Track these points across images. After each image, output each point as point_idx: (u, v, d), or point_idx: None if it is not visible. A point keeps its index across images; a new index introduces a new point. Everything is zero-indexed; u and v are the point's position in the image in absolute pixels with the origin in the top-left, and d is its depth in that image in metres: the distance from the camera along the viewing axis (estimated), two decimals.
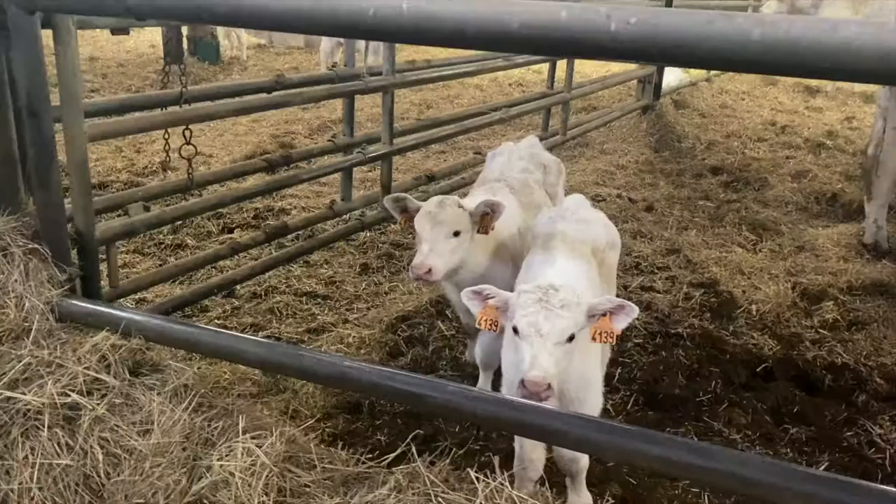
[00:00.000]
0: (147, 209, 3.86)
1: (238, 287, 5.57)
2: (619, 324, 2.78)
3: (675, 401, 4.59)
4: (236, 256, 5.79)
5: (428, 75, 5.93)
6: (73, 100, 2.91)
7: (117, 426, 2.39)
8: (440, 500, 2.06)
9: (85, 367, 2.48)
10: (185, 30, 16.51)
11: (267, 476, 2.20)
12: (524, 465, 3.26)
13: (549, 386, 2.52)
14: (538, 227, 3.76)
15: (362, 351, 5.09)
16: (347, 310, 5.77)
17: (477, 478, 2.12)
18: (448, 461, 2.41)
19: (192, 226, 7.06)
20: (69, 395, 2.39)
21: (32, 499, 2.22)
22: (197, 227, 7.09)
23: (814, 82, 16.53)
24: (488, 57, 6.91)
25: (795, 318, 5.69)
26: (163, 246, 6.73)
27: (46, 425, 2.32)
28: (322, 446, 2.51)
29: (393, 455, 2.49)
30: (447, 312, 5.60)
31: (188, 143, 3.89)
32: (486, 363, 4.43)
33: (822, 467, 4.01)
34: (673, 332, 5.35)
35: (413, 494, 2.10)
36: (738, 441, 4.26)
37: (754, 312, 5.75)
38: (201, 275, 5.82)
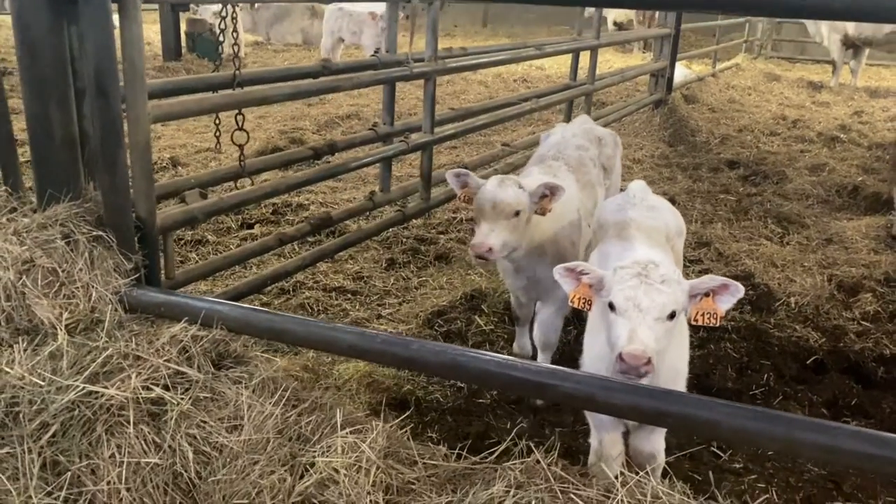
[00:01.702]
0: (204, 196, 3.70)
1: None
2: (724, 304, 2.66)
3: (729, 394, 4.48)
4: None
5: (468, 62, 5.79)
6: (138, 78, 2.75)
7: (204, 422, 2.24)
8: (571, 496, 1.92)
9: (165, 360, 2.33)
10: (183, 26, 16.29)
11: (375, 473, 2.06)
12: (603, 460, 3.13)
13: (650, 360, 2.37)
14: (606, 214, 3.64)
15: None
16: (379, 305, 5.64)
17: (617, 475, 1.97)
18: (556, 454, 2.27)
19: (211, 221, 6.90)
20: (153, 390, 2.23)
21: (121, 500, 2.07)
22: (216, 223, 6.94)
23: (817, 77, 16.60)
24: (518, 46, 6.80)
25: (835, 311, 5.61)
26: (182, 242, 6.56)
27: (132, 422, 2.16)
28: (417, 441, 2.37)
29: (500, 449, 2.35)
30: (483, 307, 5.47)
31: (241, 129, 3.73)
32: (545, 343, 4.32)
33: None
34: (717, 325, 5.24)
35: (536, 491, 1.96)
36: None
37: (793, 305, 5.65)
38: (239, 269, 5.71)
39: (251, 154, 9.00)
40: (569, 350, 4.91)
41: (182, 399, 2.27)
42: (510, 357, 2.35)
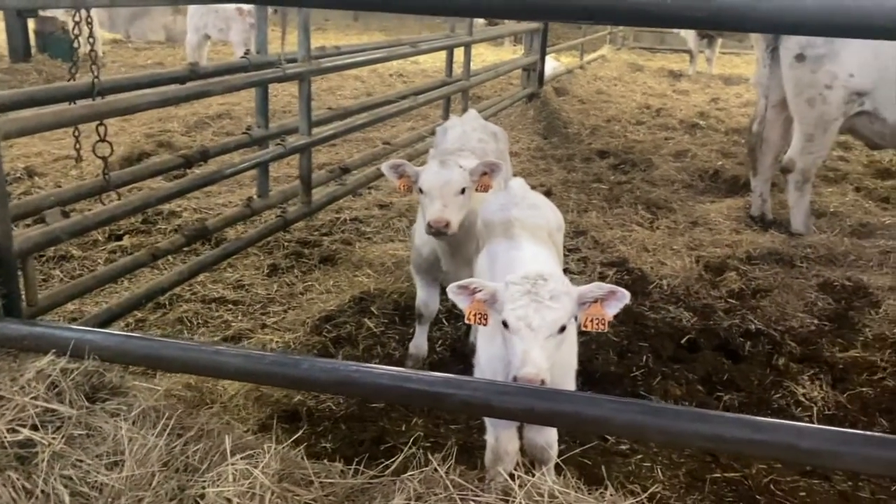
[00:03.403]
0: (66, 215, 3.44)
1: None
2: (612, 310, 2.74)
3: (612, 378, 4.66)
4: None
5: (342, 61, 5.70)
6: None
7: (80, 461, 2.09)
8: (471, 503, 1.92)
9: (32, 397, 2.15)
10: (31, 24, 15.15)
11: (269, 499, 1.99)
12: (499, 457, 3.17)
13: (543, 381, 2.44)
14: (489, 214, 3.68)
15: None
16: (263, 314, 5.47)
17: (513, 475, 1.99)
18: (453, 461, 2.27)
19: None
20: (19, 432, 2.06)
21: None
22: (81, 236, 6.51)
23: (676, 66, 17.55)
24: (394, 43, 6.77)
25: (704, 290, 5.92)
26: (44, 259, 6.12)
27: None
28: (313, 460, 2.31)
29: (397, 460, 2.32)
30: (372, 309, 5.42)
31: (103, 140, 3.49)
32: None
33: None
34: None
35: (436, 501, 1.95)
36: None
37: (665, 287, 5.93)
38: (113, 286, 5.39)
39: (116, 161, 8.56)
40: (460, 347, 4.96)
41: (54, 438, 2.11)
42: (403, 369, 2.34)
